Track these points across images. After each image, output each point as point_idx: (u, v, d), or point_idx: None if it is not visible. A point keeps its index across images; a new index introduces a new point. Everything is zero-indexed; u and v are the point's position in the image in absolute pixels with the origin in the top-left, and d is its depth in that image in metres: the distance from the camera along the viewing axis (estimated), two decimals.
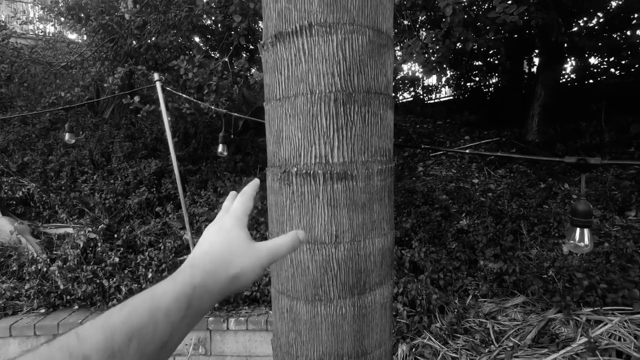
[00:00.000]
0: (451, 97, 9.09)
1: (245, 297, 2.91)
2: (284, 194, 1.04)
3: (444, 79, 9.21)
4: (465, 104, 8.12)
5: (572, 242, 0.94)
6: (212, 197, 4.17)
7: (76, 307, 2.79)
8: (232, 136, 6.06)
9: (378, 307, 1.08)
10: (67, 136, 2.87)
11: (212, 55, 5.47)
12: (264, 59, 1.09)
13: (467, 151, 1.84)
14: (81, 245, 3.05)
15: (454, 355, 2.47)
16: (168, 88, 2.66)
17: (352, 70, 0.98)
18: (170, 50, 4.51)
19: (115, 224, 3.69)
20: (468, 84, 7.98)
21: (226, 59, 4.31)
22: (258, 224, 3.79)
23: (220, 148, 2.28)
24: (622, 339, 2.21)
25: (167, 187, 4.29)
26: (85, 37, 5.57)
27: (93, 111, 6.73)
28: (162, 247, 3.18)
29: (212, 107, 2.48)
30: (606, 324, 2.35)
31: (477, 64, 7.39)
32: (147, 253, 3.07)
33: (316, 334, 1.03)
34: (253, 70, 3.39)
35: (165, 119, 2.58)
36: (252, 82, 3.45)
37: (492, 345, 2.49)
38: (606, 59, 6.04)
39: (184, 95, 2.68)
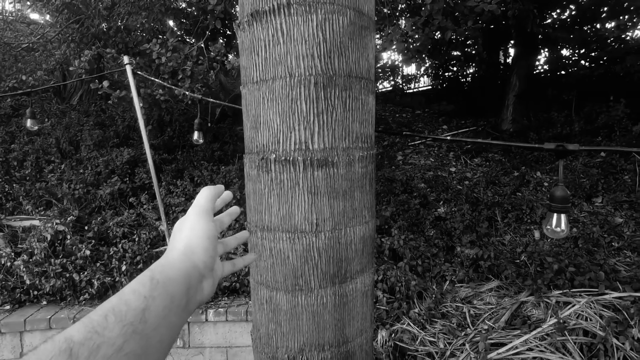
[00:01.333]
0: (429, 87, 9.19)
1: (224, 288, 2.86)
2: (262, 182, 1.00)
3: (422, 69, 9.28)
4: (443, 94, 8.22)
5: (549, 227, 0.96)
6: (189, 187, 4.06)
7: (44, 302, 2.67)
8: (209, 124, 5.90)
9: (359, 296, 1.07)
10: (28, 122, 2.69)
11: (187, 40, 5.26)
12: (240, 40, 1.04)
13: (448, 138, 1.85)
14: (48, 238, 2.90)
15: (432, 339, 2.53)
16: (140, 73, 2.53)
17: (332, 53, 0.94)
18: (142, 33, 4.29)
19: (86, 215, 3.54)
20: (446, 73, 8.07)
21: (202, 44, 4.15)
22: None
23: (195, 135, 2.19)
24: (588, 319, 2.32)
25: (141, 176, 4.14)
26: (48, 17, 5.22)
27: (60, 97, 6.37)
28: (137, 239, 3.07)
29: (187, 93, 2.37)
30: (574, 305, 2.46)
31: (455, 53, 7.47)
32: (120, 245, 2.95)
33: (297, 324, 1.01)
34: (231, 56, 3.27)
35: (137, 105, 2.46)
36: (230, 67, 3.33)
37: (468, 329, 2.57)
38: (577, 51, 6.23)
39: (157, 80, 2.55)
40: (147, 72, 3.84)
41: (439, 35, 5.57)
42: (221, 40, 3.90)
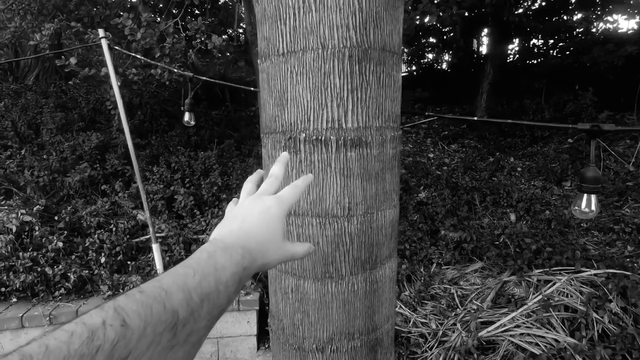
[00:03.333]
0: (406, 73, 9.25)
1: None
2: (289, 164, 0.93)
3: None
4: (419, 81, 8.31)
5: (577, 208, 0.96)
6: (166, 174, 3.85)
7: (14, 299, 2.45)
8: (182, 107, 5.62)
9: (387, 281, 1.04)
10: None
11: (160, 18, 4.92)
12: (261, 7, 0.94)
13: (475, 118, 1.80)
14: (14, 230, 2.65)
15: (424, 320, 2.59)
16: (118, 48, 2.31)
17: (368, 24, 0.87)
18: (110, 6, 3.94)
19: (54, 204, 3.27)
20: (422, 60, 8.15)
21: (180, 24, 3.88)
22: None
23: (186, 117, 2.04)
24: (569, 295, 2.46)
25: (112, 162, 3.87)
26: None
27: (12, 76, 5.80)
28: (114, 229, 2.88)
29: (175, 70, 2.19)
30: (555, 283, 2.59)
31: (432, 40, 7.53)
32: (96, 236, 2.75)
33: (326, 313, 0.97)
34: (214, 36, 3.06)
35: (115, 84, 2.25)
36: (211, 47, 3.13)
37: (457, 309, 2.65)
38: (547, 41, 6.48)
39: (137, 56, 2.33)
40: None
41: (419, 21, 5.58)
42: (201, 17, 3.65)
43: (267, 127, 1.00)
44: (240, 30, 7.33)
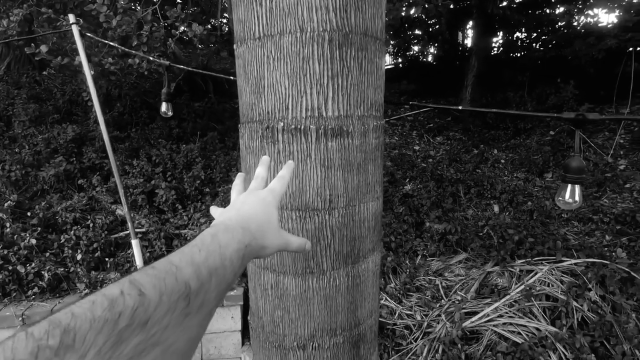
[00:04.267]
0: (391, 66, 9.23)
1: None
2: (267, 154, 0.88)
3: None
4: (404, 73, 8.31)
5: (561, 198, 0.95)
6: (147, 167, 3.74)
7: None
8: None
9: (370, 275, 1.01)
10: None
11: (138, 5, 4.72)
12: None
13: (460, 107, 1.76)
14: None
15: (409, 312, 2.59)
16: (90, 35, 2.19)
17: (349, 6, 0.82)
18: None
19: (27, 200, 3.13)
20: (408, 53, 8.13)
21: (159, 11, 3.72)
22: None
23: (163, 107, 1.95)
24: (550, 285, 2.50)
25: (89, 156, 3.73)
26: None
27: None
28: (92, 225, 2.78)
29: (151, 58, 2.10)
30: (537, 272, 2.63)
31: (417, 32, 7.52)
32: (72, 232, 2.65)
33: (307, 309, 0.93)
34: (194, 25, 2.94)
35: (88, 72, 2.14)
36: (192, 35, 3.02)
37: (442, 300, 2.66)
38: (531, 34, 6.54)
39: (111, 43, 2.22)
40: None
41: (404, 12, 5.54)
42: (179, 4, 3.52)
43: (244, 115, 0.95)
44: (224, 20, 7.15)
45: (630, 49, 5.00)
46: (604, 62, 5.14)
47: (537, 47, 6.42)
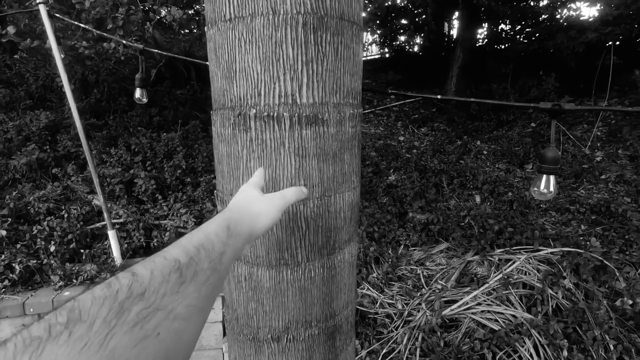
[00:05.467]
0: (377, 56, 9.19)
1: None
2: (239, 143, 0.85)
3: (371, 37, 9.21)
4: (390, 64, 8.29)
5: (536, 189, 0.95)
6: (126, 156, 3.63)
7: None
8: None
9: (346, 267, 1.00)
10: None
11: None
12: None
13: (439, 97, 1.73)
14: None
15: (390, 301, 2.62)
16: (59, 16, 2.07)
17: None
18: None
19: None
20: (394, 43, 8.09)
21: None
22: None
23: (137, 93, 1.87)
24: (527, 273, 2.56)
25: (65, 144, 3.60)
26: None
27: None
28: (66, 215, 2.69)
29: (124, 42, 2.00)
30: (515, 261, 2.69)
31: (403, 22, 7.47)
32: (45, 223, 2.56)
33: (281, 301, 0.92)
34: (173, 8, 2.83)
35: (57, 56, 2.03)
36: (170, 19, 2.91)
37: (423, 289, 2.70)
38: (515, 26, 6.59)
39: (84, 26, 2.11)
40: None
41: (390, 1, 5.49)
42: None
43: (216, 102, 0.91)
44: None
45: (610, 42, 5.10)
46: (585, 56, 5.23)
47: (521, 39, 6.48)
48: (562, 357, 2.04)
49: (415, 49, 8.22)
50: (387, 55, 8.61)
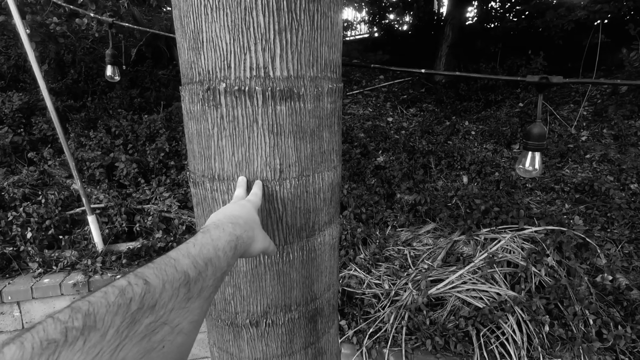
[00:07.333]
0: (366, 35, 9.00)
1: (159, 249, 2.61)
2: (209, 120, 0.79)
3: (359, 16, 8.99)
4: (380, 43, 8.13)
5: (521, 167, 0.93)
6: (106, 139, 3.51)
7: None
8: (123, 67, 5.06)
9: (327, 249, 0.96)
10: None
11: None
12: None
13: (423, 70, 1.65)
14: None
15: (377, 281, 2.64)
16: None
17: None
18: None
19: None
20: (383, 21, 7.91)
21: None
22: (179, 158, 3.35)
23: (109, 71, 1.76)
24: (512, 252, 2.59)
25: (40, 127, 3.45)
26: None
27: None
28: (44, 201, 2.60)
29: (92, 15, 1.86)
30: (500, 240, 2.72)
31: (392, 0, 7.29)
32: (22, 209, 2.47)
33: (259, 286, 0.88)
34: None
35: (23, 32, 1.90)
36: None
37: (409, 269, 2.72)
38: (505, 4, 6.49)
39: (56, 1, 1.96)
40: None
41: None
42: None
43: (184, 76, 0.85)
44: None
45: (599, 21, 5.06)
46: (573, 34, 5.19)
47: (511, 17, 6.39)
48: (543, 332, 2.09)
49: (405, 27, 8.06)
50: (375, 35, 8.43)
